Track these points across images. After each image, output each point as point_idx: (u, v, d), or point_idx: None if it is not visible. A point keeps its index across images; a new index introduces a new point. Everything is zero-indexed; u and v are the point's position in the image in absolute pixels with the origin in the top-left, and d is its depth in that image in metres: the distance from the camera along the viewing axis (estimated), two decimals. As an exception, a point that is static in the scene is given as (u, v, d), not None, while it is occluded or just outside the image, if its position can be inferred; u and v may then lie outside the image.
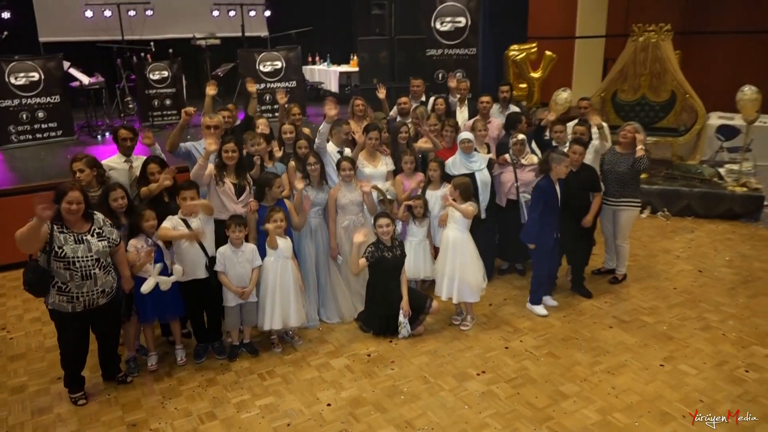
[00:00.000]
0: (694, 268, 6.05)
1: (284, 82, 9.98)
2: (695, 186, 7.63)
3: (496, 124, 6.50)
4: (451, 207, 4.78)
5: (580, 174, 5.09)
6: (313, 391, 4.16)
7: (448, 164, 5.38)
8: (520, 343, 4.73)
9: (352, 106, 6.36)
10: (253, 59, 9.80)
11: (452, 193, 4.81)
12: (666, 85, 8.60)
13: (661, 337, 4.77)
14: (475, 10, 9.28)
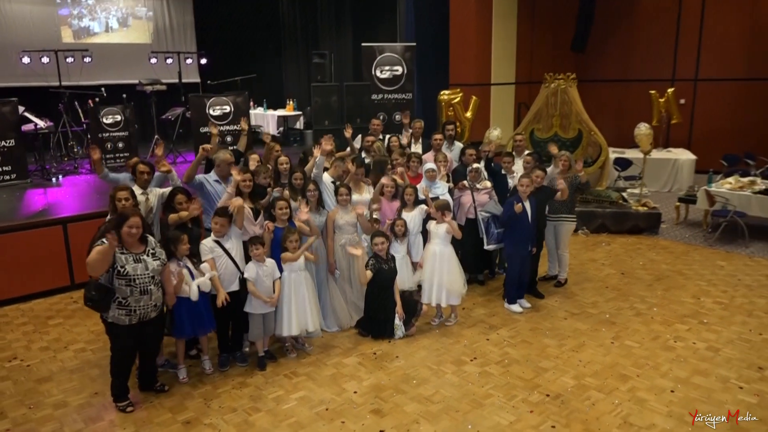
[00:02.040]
0: (618, 272, 7.31)
1: (233, 125, 10.54)
2: (606, 207, 9.07)
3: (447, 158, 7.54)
4: (435, 225, 5.69)
5: (537, 193, 6.13)
6: (338, 383, 4.80)
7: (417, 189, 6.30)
8: (497, 335, 5.64)
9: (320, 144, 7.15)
10: (203, 104, 10.31)
11: (434, 213, 5.72)
12: (573, 123, 10.13)
13: (606, 323, 5.87)
14: (410, 60, 10.46)
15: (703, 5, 12.84)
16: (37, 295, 6.67)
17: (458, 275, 5.76)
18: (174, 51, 12.82)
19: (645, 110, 12.04)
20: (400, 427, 4.21)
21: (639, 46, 13.63)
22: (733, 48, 12.60)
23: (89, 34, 12.93)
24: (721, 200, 8.42)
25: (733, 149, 11.98)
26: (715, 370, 4.92)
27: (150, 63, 12.68)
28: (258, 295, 4.93)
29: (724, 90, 12.88)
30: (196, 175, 5.50)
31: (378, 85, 10.33)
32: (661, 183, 11.55)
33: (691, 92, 13.35)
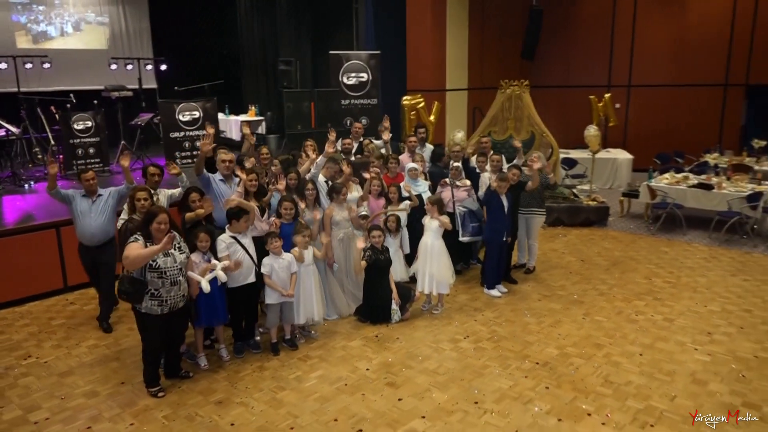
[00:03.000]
0: (577, 259, 8.11)
1: (202, 130, 10.75)
2: (561, 203, 9.91)
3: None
4: (428, 219, 6.26)
5: (514, 188, 6.74)
6: (350, 363, 5.27)
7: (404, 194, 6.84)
8: (483, 316, 6.26)
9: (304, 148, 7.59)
10: (172, 109, 10.49)
11: (430, 208, 6.29)
12: (527, 126, 10.94)
13: (575, 302, 6.60)
14: (374, 67, 11.02)
15: (634, 18, 14.09)
16: (31, 299, 6.77)
17: (447, 266, 6.34)
18: (132, 57, 12.82)
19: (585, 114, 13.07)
20: (416, 395, 4.73)
21: (578, 55, 14.77)
22: (662, 57, 13.90)
23: (46, 39, 12.76)
24: (661, 194, 9.41)
25: (664, 149, 13.22)
26: (673, 337, 5.71)
27: (110, 69, 12.65)
28: (274, 287, 5.32)
29: (655, 95, 14.18)
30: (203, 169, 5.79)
31: (345, 91, 10.82)
32: (603, 180, 12.59)
33: (625, 97, 14.59)
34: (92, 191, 5.77)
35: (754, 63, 13.04)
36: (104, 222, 5.77)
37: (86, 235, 5.75)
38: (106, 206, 5.80)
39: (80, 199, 5.77)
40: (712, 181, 9.36)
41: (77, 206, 5.74)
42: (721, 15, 13.18)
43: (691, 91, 13.73)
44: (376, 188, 6.72)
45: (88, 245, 5.81)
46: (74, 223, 5.85)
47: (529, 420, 4.38)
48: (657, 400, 4.63)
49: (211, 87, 12.42)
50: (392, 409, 4.54)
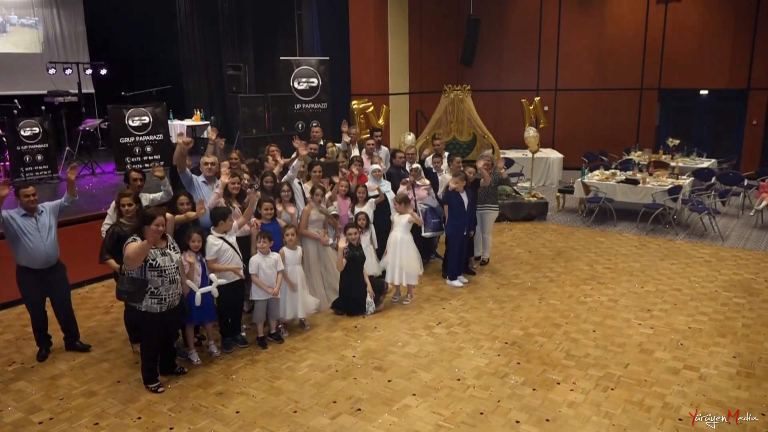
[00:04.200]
0: (525, 251, 8.80)
1: (152, 135, 10.74)
2: (504, 199, 10.62)
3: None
4: (398, 215, 6.72)
5: (471, 185, 7.35)
6: (336, 351, 5.63)
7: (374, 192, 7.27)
8: (450, 304, 6.77)
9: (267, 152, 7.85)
10: (122, 115, 10.42)
11: (398, 206, 6.74)
12: (469, 129, 11.62)
13: (530, 289, 7.25)
14: (324, 73, 11.37)
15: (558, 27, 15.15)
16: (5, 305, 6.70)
17: (416, 259, 6.82)
18: (70, 61, 12.53)
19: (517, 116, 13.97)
20: (403, 376, 5.16)
21: (510, 61, 15.71)
22: (585, 63, 15.05)
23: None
24: (594, 189, 10.31)
25: (589, 148, 14.35)
26: (619, 314, 6.44)
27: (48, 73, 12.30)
28: (260, 285, 5.60)
29: (579, 98, 15.32)
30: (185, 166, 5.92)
31: (297, 96, 11.11)
32: (537, 178, 13.47)
33: (553, 100, 15.66)
34: (32, 209, 5.20)
35: (665, 68, 14.37)
36: (55, 239, 5.33)
37: (39, 257, 5.19)
38: (50, 222, 5.32)
39: (21, 219, 5.15)
40: (638, 177, 10.35)
41: (20, 228, 5.11)
42: (636, 24, 14.45)
43: (611, 95, 14.95)
44: (344, 188, 7.10)
45: (39, 269, 5.23)
46: (15, 248, 5.15)
47: (508, 391, 4.91)
48: (613, 368, 5.28)
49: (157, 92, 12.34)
50: (384, 389, 4.95)
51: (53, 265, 5.36)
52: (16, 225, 5.12)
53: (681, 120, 15.01)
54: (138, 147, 10.55)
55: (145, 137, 10.63)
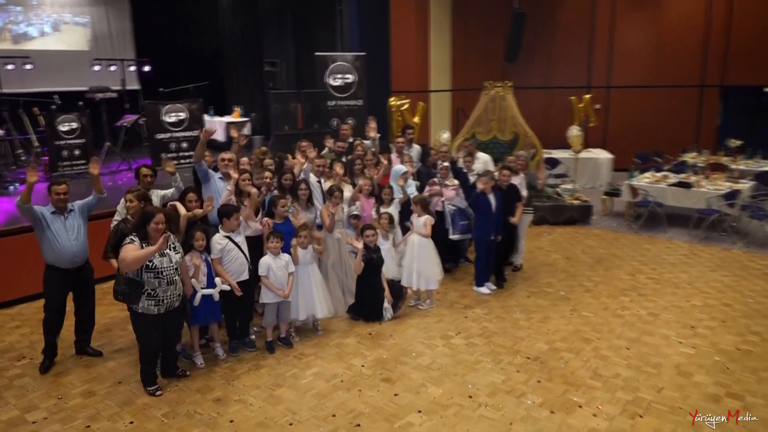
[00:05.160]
0: (563, 257, 8.28)
1: (188, 131, 10.74)
2: (545, 201, 10.09)
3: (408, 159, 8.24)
4: (416, 217, 6.38)
5: (507, 192, 6.88)
6: (345, 360, 5.35)
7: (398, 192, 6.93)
8: (473, 313, 6.38)
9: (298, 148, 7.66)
10: (158, 110, 10.46)
11: (415, 208, 6.41)
12: (510, 127, 11.13)
13: (562, 299, 6.76)
14: (360, 68, 11.11)
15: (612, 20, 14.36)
16: (21, 300, 6.73)
17: (435, 263, 6.47)
18: (115, 58, 12.75)
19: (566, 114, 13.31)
20: (411, 390, 4.82)
21: (559, 56, 15.01)
22: (640, 58, 14.19)
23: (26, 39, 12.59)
24: (643, 193, 9.64)
25: (643, 148, 13.49)
26: (658, 331, 5.89)
27: (92, 70, 12.56)
28: (270, 287, 5.38)
29: (633, 96, 14.46)
30: (203, 157, 5.80)
31: (331, 93, 10.90)
32: (585, 179, 12.81)
33: (605, 98, 14.86)
34: (63, 207, 5.09)
35: (729, 64, 13.38)
36: (84, 239, 5.19)
37: (67, 257, 5.04)
38: (79, 221, 5.19)
39: (51, 217, 5.03)
40: (691, 180, 9.61)
41: (50, 226, 5.01)
42: (697, 17, 13.51)
43: (668, 92, 14.04)
44: (368, 187, 6.81)
45: (67, 269, 5.09)
46: (45, 247, 5.03)
47: (522, 413, 4.50)
48: (645, 391, 4.78)
49: (196, 88, 12.39)
50: (389, 404, 4.63)
51: (81, 266, 5.18)
52: (45, 222, 4.98)
53: (745, 119, 13.93)
54: (174, 143, 10.57)
55: (180, 133, 10.64)
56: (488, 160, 8.33)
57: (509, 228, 7.02)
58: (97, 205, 5.38)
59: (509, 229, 7.03)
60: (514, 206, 7.02)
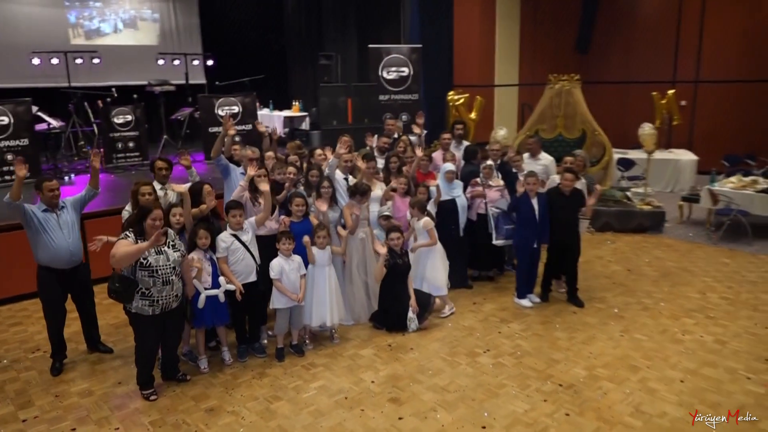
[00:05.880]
0: (624, 268, 7.43)
1: (241, 125, 10.65)
2: (611, 206, 9.20)
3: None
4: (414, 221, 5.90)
5: (570, 197, 6.10)
6: (355, 373, 4.91)
7: (433, 192, 6.40)
8: (509, 328, 5.76)
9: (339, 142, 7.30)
10: (212, 104, 10.45)
11: (412, 211, 5.91)
12: (577, 124, 10.28)
13: (615, 317, 5.99)
14: (416, 61, 10.61)
15: (702, 9, 13.02)
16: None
17: (440, 269, 6.00)
18: (180, 52, 12.93)
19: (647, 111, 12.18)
20: (419, 414, 4.32)
21: (640, 48, 13.79)
22: (732, 51, 12.77)
23: (99, 35, 13.03)
24: (725, 199, 8.55)
25: (733, 150, 12.13)
26: (723, 362, 5.04)
27: (157, 64, 12.81)
28: (284, 291, 5.04)
29: (724, 92, 13.05)
30: (221, 152, 5.57)
31: (385, 86, 10.48)
32: (663, 183, 11.66)
33: (691, 94, 13.52)
34: (55, 204, 4.84)
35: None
36: (78, 236, 4.97)
37: (62, 256, 4.80)
38: (73, 217, 4.96)
39: (43, 215, 4.77)
40: (784, 187, 8.43)
41: (43, 225, 4.75)
42: (803, 4, 11.98)
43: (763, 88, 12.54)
44: (403, 186, 6.34)
45: (62, 269, 4.85)
46: (38, 247, 4.77)
47: (541, 451, 3.90)
48: (695, 436, 4.05)
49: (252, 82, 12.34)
50: (389, 428, 4.16)
51: (77, 266, 4.96)
52: (37, 221, 4.73)
53: None
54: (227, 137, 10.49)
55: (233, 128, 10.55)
56: (551, 162, 7.62)
57: (573, 236, 6.24)
58: (90, 200, 5.16)
59: (573, 237, 6.25)
60: (578, 213, 6.23)
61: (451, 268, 6.45)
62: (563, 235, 6.15)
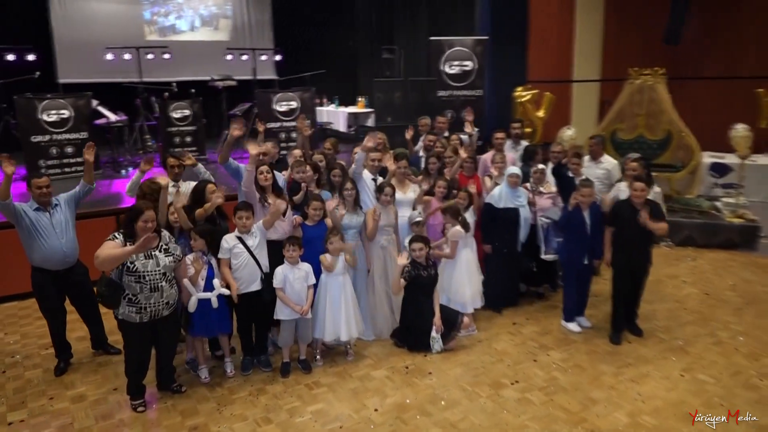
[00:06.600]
0: (701, 292, 6.43)
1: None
2: (695, 217, 8.10)
3: (509, 158, 6.93)
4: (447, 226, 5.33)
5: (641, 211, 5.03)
6: (360, 399, 4.42)
7: (494, 196, 5.73)
8: (547, 356, 5.04)
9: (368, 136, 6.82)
10: (269, 99, 10.27)
11: (444, 217, 5.31)
12: (662, 124, 9.17)
13: (677, 351, 5.11)
14: (481, 55, 9.90)
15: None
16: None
17: (465, 284, 5.39)
18: (246, 48, 12.92)
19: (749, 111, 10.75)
20: (416, 455, 3.77)
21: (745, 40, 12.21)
22: None
23: (174, 32, 13.28)
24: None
25: None
26: (808, 419, 4.11)
27: (225, 59, 12.87)
28: (286, 301, 4.64)
29: None
30: (230, 156, 5.26)
31: (446, 81, 9.85)
32: (764, 193, 10.21)
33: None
34: (46, 202, 4.61)
35: None
36: (73, 236, 4.74)
37: (57, 257, 4.60)
38: (67, 216, 4.72)
39: (35, 214, 4.56)
40: None
41: (35, 224, 4.54)
42: None
43: None
44: (442, 190, 5.76)
45: (56, 269, 4.64)
46: (29, 247, 4.57)
47: None
48: None
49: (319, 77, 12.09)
50: (380, 470, 3.64)
51: (72, 266, 4.74)
52: (29, 220, 4.52)
53: None
54: (283, 132, 10.32)
55: (290, 122, 10.36)
56: (614, 167, 6.75)
57: (643, 258, 5.28)
58: (85, 196, 4.92)
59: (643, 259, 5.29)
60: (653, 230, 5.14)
61: (501, 286, 5.84)
62: (632, 256, 5.21)
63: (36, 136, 8.53)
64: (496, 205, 5.67)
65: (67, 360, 4.97)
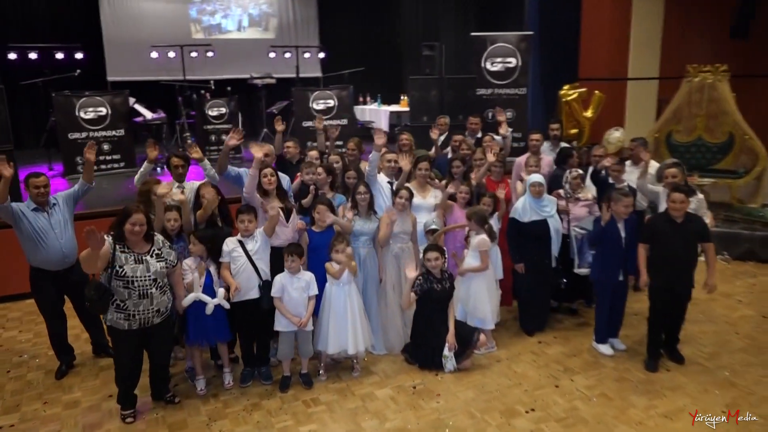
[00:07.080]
0: (758, 314, 5.76)
1: (336, 119, 10.17)
2: (757, 229, 7.34)
3: (547, 161, 6.45)
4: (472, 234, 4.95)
5: (685, 225, 4.54)
6: (357, 421, 4.11)
7: (517, 209, 5.23)
8: (571, 382, 4.57)
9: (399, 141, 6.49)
10: (306, 97, 10.08)
11: (469, 223, 4.90)
12: (723, 126, 8.41)
13: (723, 383, 4.53)
14: (525, 51, 9.37)
15: None
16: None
17: (485, 299, 4.95)
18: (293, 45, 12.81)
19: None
20: (407, 491, 3.42)
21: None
22: None
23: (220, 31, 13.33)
24: None
25: None
26: None
27: (269, 57, 12.82)
28: (283, 313, 4.38)
29: None
30: (227, 166, 5.05)
31: (487, 79, 9.37)
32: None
33: None
34: (44, 202, 4.50)
35: None
36: (72, 235, 4.62)
37: (56, 257, 4.50)
38: (65, 215, 4.62)
39: (33, 215, 4.46)
40: None
41: (33, 225, 4.43)
42: None
43: None
44: (465, 195, 5.37)
45: (55, 270, 4.55)
46: (27, 248, 4.48)
47: None
48: None
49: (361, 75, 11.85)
50: (364, 505, 3.31)
51: (71, 266, 4.59)
52: (27, 221, 4.41)
53: None
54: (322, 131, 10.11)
55: (327, 122, 10.12)
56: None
57: (685, 279, 4.67)
58: (83, 194, 4.78)
59: (685, 280, 4.67)
60: (697, 246, 4.68)
61: (534, 307, 5.41)
62: (672, 277, 4.61)
63: (73, 133, 8.64)
64: (520, 220, 5.19)
65: (69, 362, 4.89)
